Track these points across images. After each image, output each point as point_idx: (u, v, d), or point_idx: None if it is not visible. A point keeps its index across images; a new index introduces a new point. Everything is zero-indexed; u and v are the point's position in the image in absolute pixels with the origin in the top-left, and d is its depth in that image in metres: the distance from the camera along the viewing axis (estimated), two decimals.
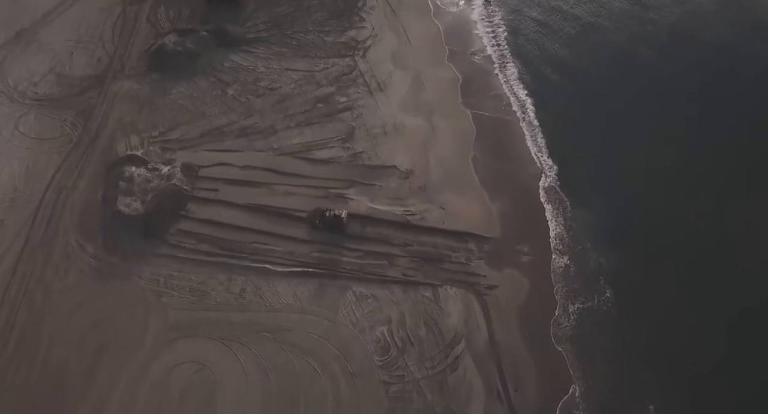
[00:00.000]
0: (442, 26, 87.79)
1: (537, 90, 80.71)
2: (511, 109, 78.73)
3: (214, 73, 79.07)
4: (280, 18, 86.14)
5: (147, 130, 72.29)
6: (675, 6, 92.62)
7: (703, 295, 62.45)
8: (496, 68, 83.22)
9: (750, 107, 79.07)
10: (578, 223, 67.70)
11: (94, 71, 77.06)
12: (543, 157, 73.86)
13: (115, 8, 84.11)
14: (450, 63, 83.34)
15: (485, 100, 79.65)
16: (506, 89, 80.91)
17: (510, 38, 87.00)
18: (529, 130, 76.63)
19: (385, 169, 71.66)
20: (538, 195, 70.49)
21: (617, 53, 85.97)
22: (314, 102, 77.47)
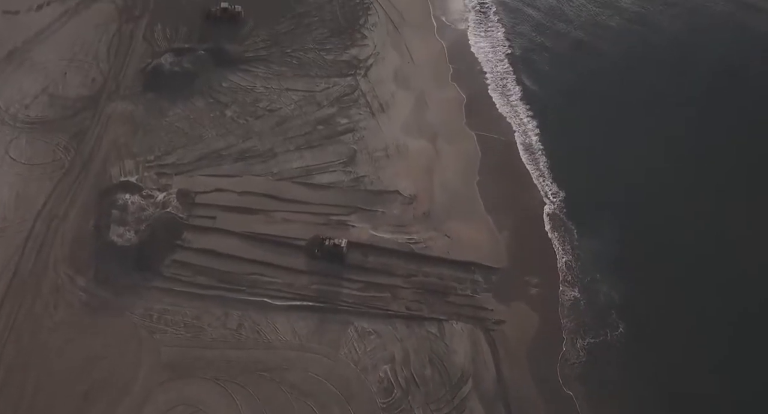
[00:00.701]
0: (445, 44, 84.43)
1: (541, 111, 77.37)
2: (516, 131, 75.55)
3: (211, 93, 75.59)
4: (280, 36, 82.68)
5: (142, 153, 68.81)
6: (676, 21, 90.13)
7: (725, 330, 59.17)
8: (501, 88, 79.94)
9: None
10: (586, 252, 64.35)
11: (88, 91, 73.52)
12: (548, 182, 70.47)
13: (110, 25, 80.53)
14: (454, 82, 79.97)
15: (490, 122, 76.27)
16: (511, 110, 77.64)
17: (514, 57, 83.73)
18: (534, 153, 73.36)
19: (388, 194, 68.23)
20: (544, 222, 67.12)
21: (622, 74, 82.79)
22: (315, 124, 74.04)
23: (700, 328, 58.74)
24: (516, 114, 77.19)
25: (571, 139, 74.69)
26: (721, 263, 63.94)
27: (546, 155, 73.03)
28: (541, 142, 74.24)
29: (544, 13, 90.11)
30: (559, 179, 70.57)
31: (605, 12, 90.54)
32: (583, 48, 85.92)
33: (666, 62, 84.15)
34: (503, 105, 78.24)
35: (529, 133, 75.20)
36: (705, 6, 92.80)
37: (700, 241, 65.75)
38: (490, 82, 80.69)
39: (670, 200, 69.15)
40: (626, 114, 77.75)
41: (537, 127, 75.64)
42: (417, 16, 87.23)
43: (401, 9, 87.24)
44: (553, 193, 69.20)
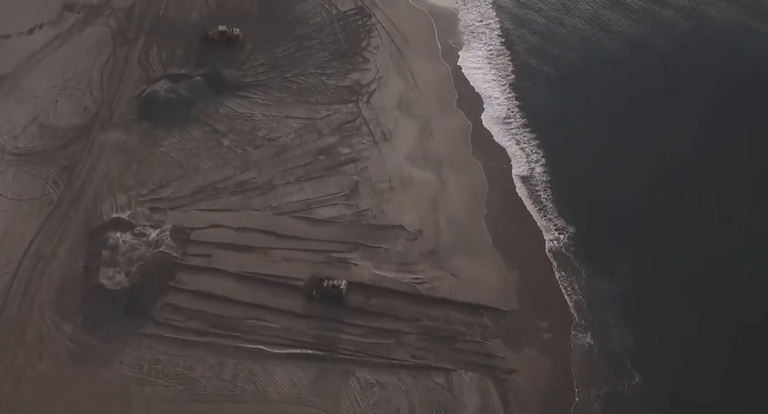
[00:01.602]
0: (450, 67, 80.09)
1: (549, 140, 73.08)
2: (524, 161, 71.19)
3: (208, 121, 71.44)
4: (280, 59, 78.52)
5: (135, 187, 64.62)
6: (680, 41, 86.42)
7: (752, 382, 54.66)
8: (507, 115, 75.44)
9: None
10: (598, 292, 60.06)
11: (80, 121, 69.35)
12: (557, 216, 66.10)
13: (104, 49, 76.40)
14: (460, 108, 75.65)
15: (498, 151, 72.01)
16: (518, 139, 73.22)
17: (520, 82, 79.14)
18: (542, 185, 69.00)
19: (392, 229, 63.96)
20: (553, 260, 62.68)
21: (627, 99, 78.28)
22: (315, 153, 69.86)
23: (725, 381, 54.28)
24: (523, 143, 72.83)
25: (579, 169, 70.42)
26: (742, 303, 59.67)
27: (554, 187, 68.76)
28: (548, 173, 69.97)
29: (548, 36, 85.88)
30: (568, 213, 66.32)
31: (607, 36, 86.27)
32: (588, 73, 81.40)
33: (672, 89, 79.99)
34: (510, 133, 73.92)
35: (536, 163, 70.88)
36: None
37: (716, 277, 61.51)
38: (496, 108, 76.39)
39: (680, 234, 64.88)
40: (633, 141, 73.53)
41: (543, 157, 71.39)
42: (421, 38, 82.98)
43: (405, 31, 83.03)
44: (563, 228, 64.91)
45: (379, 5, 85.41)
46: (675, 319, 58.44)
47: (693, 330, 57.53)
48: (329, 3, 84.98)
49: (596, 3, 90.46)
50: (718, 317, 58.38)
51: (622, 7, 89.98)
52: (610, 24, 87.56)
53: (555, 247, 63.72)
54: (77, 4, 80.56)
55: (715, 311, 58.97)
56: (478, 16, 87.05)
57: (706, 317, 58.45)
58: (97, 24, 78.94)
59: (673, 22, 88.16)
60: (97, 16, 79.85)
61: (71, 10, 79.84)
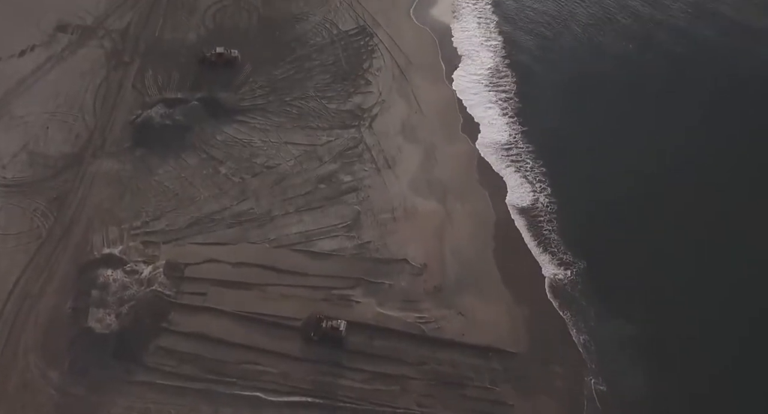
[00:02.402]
0: (455, 90, 76.55)
1: (557, 168, 68.85)
2: (528, 191, 67.03)
3: (205, 148, 67.81)
4: (279, 82, 74.89)
5: (128, 219, 60.99)
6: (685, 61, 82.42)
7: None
8: (514, 141, 71.44)
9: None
10: (611, 334, 56.00)
11: (72, 148, 65.78)
12: (567, 249, 61.90)
13: (98, 73, 72.81)
14: (465, 133, 71.83)
15: (506, 179, 68.39)
16: (524, 167, 68.99)
17: (526, 105, 74.79)
18: (549, 216, 64.82)
19: (396, 263, 60.26)
20: (564, 298, 58.95)
21: (636, 127, 73.67)
22: (316, 182, 66.20)
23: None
24: (530, 171, 68.74)
25: (585, 198, 66.25)
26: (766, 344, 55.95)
27: (560, 218, 64.66)
28: (553, 203, 65.81)
29: (552, 54, 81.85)
30: (578, 246, 62.26)
31: (617, 63, 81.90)
32: (592, 94, 77.19)
33: (676, 109, 76.01)
34: (517, 161, 69.92)
35: (541, 192, 66.75)
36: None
37: (736, 316, 57.69)
38: (497, 134, 72.38)
39: (693, 267, 61.05)
40: (641, 165, 69.29)
41: (548, 186, 67.22)
42: (425, 58, 79.24)
43: (408, 51, 79.38)
44: (570, 263, 60.86)
45: (382, 24, 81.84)
46: (691, 361, 54.64)
47: (712, 374, 53.73)
48: (330, 22, 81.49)
49: (598, 21, 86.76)
50: (740, 360, 54.59)
51: (623, 25, 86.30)
52: (612, 43, 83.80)
53: (563, 283, 59.75)
54: (70, 25, 77.10)
55: (737, 353, 55.16)
56: (481, 35, 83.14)
57: (727, 360, 54.66)
58: (90, 46, 75.42)
59: (672, 45, 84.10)
60: (91, 37, 76.34)
61: (64, 31, 76.33)
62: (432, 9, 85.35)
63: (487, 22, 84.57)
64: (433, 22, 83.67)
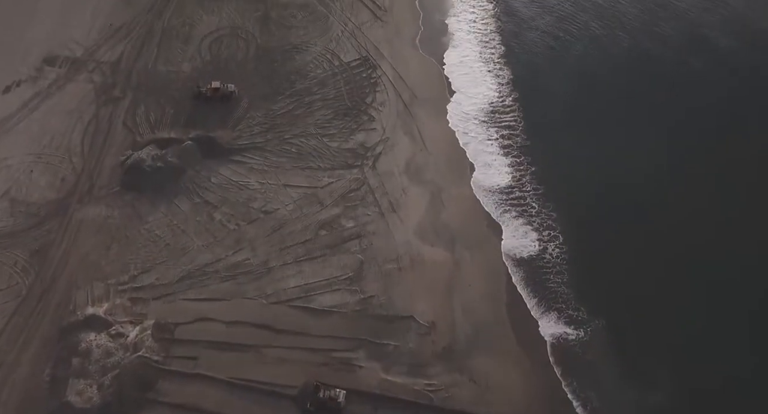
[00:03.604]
0: (459, 126, 70.39)
1: (568, 216, 62.13)
2: (539, 239, 60.73)
3: (199, 191, 62.11)
4: (278, 118, 69.11)
5: (115, 273, 55.35)
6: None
7: None
8: (522, 183, 65.03)
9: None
10: (637, 403, 50.43)
11: (57, 194, 60.11)
12: (580, 302, 56.04)
13: (87, 110, 67.03)
14: (473, 174, 66.28)
15: (516, 224, 62.53)
16: (536, 212, 62.65)
17: (536, 144, 68.17)
18: (559, 267, 58.60)
19: (401, 320, 54.50)
20: (581, 361, 53.06)
21: (645, 171, 66.76)
22: (316, 228, 60.48)
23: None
24: (541, 217, 62.37)
25: (600, 246, 60.16)
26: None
27: (574, 270, 58.48)
28: (566, 253, 59.56)
29: (562, 92, 74.68)
30: (592, 302, 56.43)
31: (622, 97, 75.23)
32: (605, 140, 69.62)
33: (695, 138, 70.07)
34: (526, 205, 63.66)
35: (551, 241, 60.56)
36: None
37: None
38: (506, 175, 65.99)
39: (723, 325, 55.02)
40: (666, 218, 62.69)
41: (561, 234, 60.78)
42: (430, 92, 73.26)
43: (412, 84, 73.44)
44: (586, 321, 55.02)
45: (385, 55, 75.96)
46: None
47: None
48: (331, 53, 75.69)
49: (617, 49, 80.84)
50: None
51: (638, 53, 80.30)
52: (628, 74, 77.47)
53: (572, 344, 53.82)
54: (59, 58, 71.38)
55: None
56: (487, 66, 76.74)
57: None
58: (79, 80, 69.70)
59: (681, 63, 78.28)
60: (81, 70, 70.62)
61: (52, 64, 70.65)
62: (439, 38, 79.38)
63: (493, 51, 78.22)
64: (439, 52, 77.79)
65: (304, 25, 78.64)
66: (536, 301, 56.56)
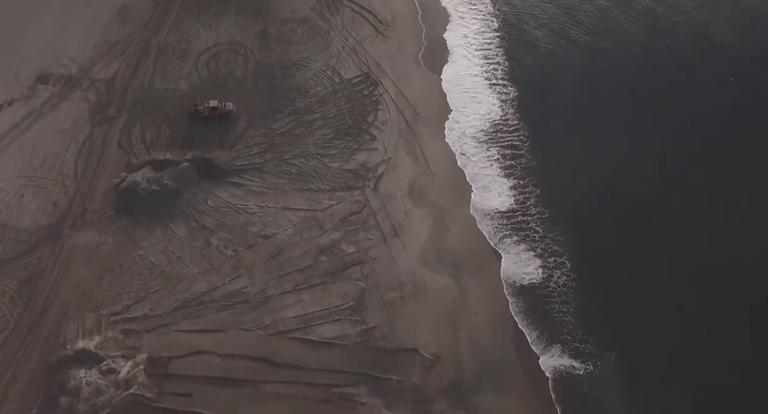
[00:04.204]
0: (463, 146, 67.26)
1: (576, 239, 58.96)
2: (543, 266, 57.52)
3: (195, 215, 59.24)
4: (277, 137, 66.23)
5: (107, 303, 52.48)
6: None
7: None
8: (529, 206, 61.91)
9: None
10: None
11: (48, 219, 57.19)
12: (592, 337, 52.74)
13: (81, 130, 64.11)
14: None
15: (518, 249, 59.33)
16: (542, 236, 59.56)
17: (544, 166, 64.95)
18: (567, 297, 55.43)
19: (404, 353, 51.56)
20: (592, 398, 49.85)
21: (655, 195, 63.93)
22: (316, 254, 57.57)
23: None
24: (546, 242, 59.20)
25: (612, 276, 56.96)
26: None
27: (582, 299, 55.26)
28: (574, 281, 56.33)
29: (569, 109, 71.55)
30: (603, 330, 53.30)
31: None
32: (617, 160, 66.25)
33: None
34: (529, 230, 60.34)
35: (558, 268, 57.40)
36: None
37: None
38: (509, 197, 62.86)
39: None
40: (688, 245, 59.57)
41: (568, 260, 57.52)
42: (433, 109, 70.36)
43: (415, 102, 70.57)
44: (596, 354, 51.97)
45: (387, 71, 73.05)
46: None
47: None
48: (332, 69, 72.79)
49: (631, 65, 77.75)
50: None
51: (652, 70, 77.32)
52: (642, 92, 74.23)
53: (585, 379, 50.83)
54: (53, 75, 68.39)
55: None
56: (494, 83, 73.66)
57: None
58: (73, 99, 66.73)
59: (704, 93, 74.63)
60: (75, 88, 67.67)
61: (46, 82, 67.65)
62: (443, 54, 76.39)
63: (497, 67, 75.18)
64: (442, 68, 74.82)
65: (304, 40, 75.81)
66: (537, 333, 53.27)
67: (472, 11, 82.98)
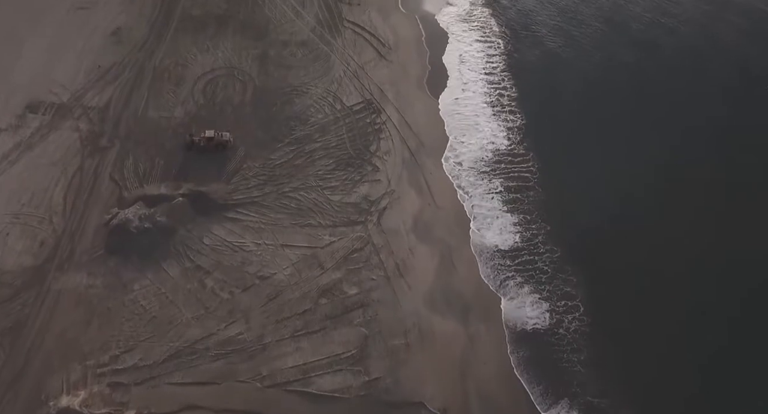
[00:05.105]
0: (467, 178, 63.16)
1: (587, 278, 54.80)
2: (560, 311, 53.11)
3: (189, 254, 54.82)
4: (276, 168, 61.82)
5: (94, 353, 48.07)
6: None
7: None
8: (537, 243, 57.75)
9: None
10: None
11: (34, 261, 52.77)
12: (607, 392, 48.40)
13: (71, 162, 59.65)
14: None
15: (527, 291, 54.94)
16: (551, 278, 55.24)
17: (548, 197, 60.89)
18: (587, 341, 51.29)
19: (410, 407, 47.17)
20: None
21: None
22: (316, 296, 53.19)
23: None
24: (555, 284, 54.95)
25: (629, 320, 52.78)
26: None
27: (596, 347, 50.94)
28: (586, 326, 52.07)
29: (581, 136, 67.65)
30: (618, 384, 49.00)
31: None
32: (634, 193, 62.43)
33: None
34: (536, 270, 55.98)
35: (573, 311, 53.06)
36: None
37: None
38: (522, 234, 58.63)
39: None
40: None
41: (581, 303, 53.20)
42: (438, 138, 66.19)
43: (419, 130, 66.19)
44: (611, 410, 47.85)
45: (390, 98, 68.70)
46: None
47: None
48: (333, 96, 68.42)
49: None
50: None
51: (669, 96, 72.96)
52: (657, 123, 69.95)
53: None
54: (43, 104, 63.93)
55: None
56: (499, 110, 69.41)
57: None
58: (64, 128, 62.29)
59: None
60: (66, 117, 63.24)
61: (35, 111, 63.19)
62: (448, 79, 72.06)
63: (503, 93, 71.01)
64: (447, 94, 70.31)
65: (304, 64, 71.43)
66: (543, 387, 48.79)
67: (477, 33, 78.75)
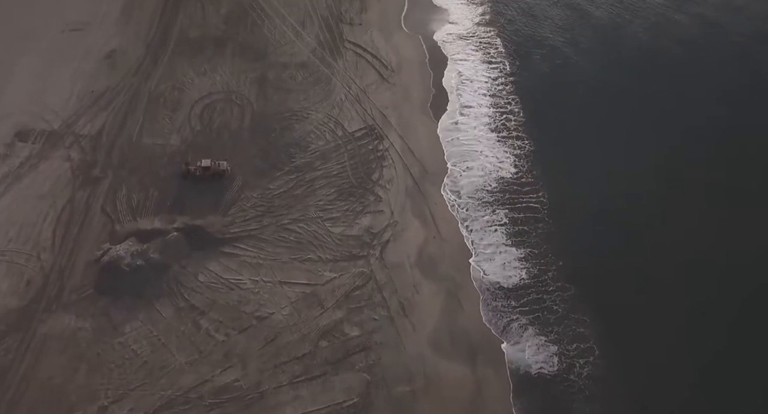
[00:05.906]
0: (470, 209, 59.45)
1: (604, 323, 50.75)
2: (571, 355, 49.13)
3: (184, 293, 51.08)
4: (275, 199, 58.12)
5: (81, 403, 44.17)
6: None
7: None
8: (546, 281, 53.76)
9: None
10: None
11: (20, 301, 49.03)
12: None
13: (61, 193, 56.02)
14: None
15: (533, 332, 50.98)
16: (560, 318, 51.21)
17: (557, 230, 57.05)
18: (586, 384, 47.62)
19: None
20: None
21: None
22: (316, 338, 49.41)
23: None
24: (568, 322, 51.02)
25: (650, 367, 48.74)
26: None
27: (616, 397, 47.03)
28: (601, 369, 48.25)
29: (594, 161, 63.86)
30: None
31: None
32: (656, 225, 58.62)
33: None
34: (545, 310, 51.95)
35: (587, 354, 49.02)
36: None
37: None
38: (529, 270, 54.56)
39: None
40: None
41: (596, 346, 49.24)
42: (442, 165, 62.70)
43: (422, 157, 62.48)
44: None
45: (393, 123, 64.95)
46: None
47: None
48: (334, 121, 64.71)
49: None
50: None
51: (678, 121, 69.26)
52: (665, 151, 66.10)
53: None
54: (33, 132, 60.28)
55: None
56: (508, 137, 65.64)
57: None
58: (55, 157, 58.61)
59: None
60: (57, 146, 59.55)
61: (25, 139, 59.53)
62: (453, 103, 68.18)
63: (510, 118, 67.10)
64: (452, 118, 66.51)
65: (304, 88, 67.70)
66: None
67: (482, 54, 74.88)
